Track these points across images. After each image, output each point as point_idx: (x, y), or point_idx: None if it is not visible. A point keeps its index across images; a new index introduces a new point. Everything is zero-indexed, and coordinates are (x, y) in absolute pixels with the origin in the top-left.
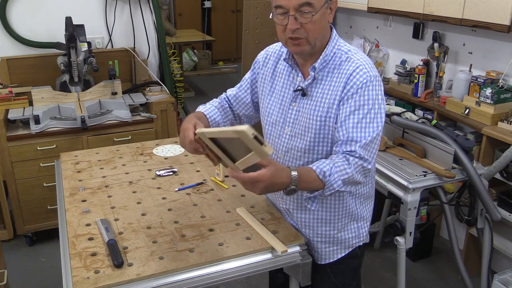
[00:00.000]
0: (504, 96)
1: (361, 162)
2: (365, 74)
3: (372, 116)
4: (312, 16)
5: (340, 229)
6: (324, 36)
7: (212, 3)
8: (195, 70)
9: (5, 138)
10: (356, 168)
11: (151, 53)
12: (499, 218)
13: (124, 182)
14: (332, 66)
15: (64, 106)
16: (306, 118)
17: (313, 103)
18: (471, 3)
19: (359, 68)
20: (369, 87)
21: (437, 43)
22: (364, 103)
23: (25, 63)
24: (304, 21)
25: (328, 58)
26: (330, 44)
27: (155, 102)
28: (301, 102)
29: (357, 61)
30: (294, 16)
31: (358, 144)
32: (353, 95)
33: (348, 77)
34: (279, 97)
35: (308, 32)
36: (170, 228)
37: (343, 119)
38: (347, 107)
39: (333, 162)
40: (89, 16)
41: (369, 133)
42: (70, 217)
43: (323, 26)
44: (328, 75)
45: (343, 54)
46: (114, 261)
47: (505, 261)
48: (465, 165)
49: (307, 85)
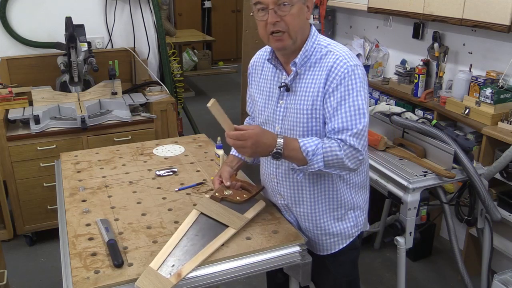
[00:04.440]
0: (504, 96)
1: (354, 152)
2: (345, 65)
3: (359, 104)
4: (290, 8)
5: (338, 218)
6: (304, 31)
7: (212, 3)
8: (195, 70)
9: (5, 138)
10: (347, 154)
11: (151, 53)
12: (499, 218)
13: (124, 182)
14: (313, 60)
15: (64, 106)
16: (293, 113)
17: (298, 98)
18: (471, 3)
19: (339, 59)
20: (351, 77)
21: (437, 43)
22: (349, 93)
23: (25, 63)
24: (283, 13)
25: (308, 53)
26: (309, 40)
27: (155, 102)
28: (287, 99)
29: (337, 52)
30: (273, 9)
31: (348, 133)
32: (338, 87)
33: (330, 69)
34: (266, 96)
35: (288, 25)
36: (170, 228)
37: (331, 112)
38: (333, 99)
39: (322, 143)
40: (89, 16)
41: (359, 122)
42: (70, 217)
43: (302, 20)
44: (310, 69)
45: (323, 48)
46: (114, 261)
47: (505, 261)
48: (465, 165)
49: (290, 80)
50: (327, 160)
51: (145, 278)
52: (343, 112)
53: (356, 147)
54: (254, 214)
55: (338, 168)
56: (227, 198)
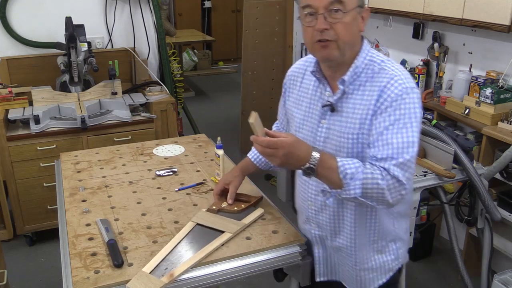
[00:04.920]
0: (504, 96)
1: (397, 185)
2: (400, 86)
3: (407, 131)
4: (343, 15)
5: (378, 250)
6: (355, 44)
7: (212, 3)
8: (195, 70)
9: (5, 138)
10: (389, 186)
11: (151, 53)
12: (499, 218)
13: (124, 182)
14: (364, 78)
15: (64, 106)
16: (337, 136)
17: (344, 120)
18: (471, 3)
19: (394, 79)
20: (405, 100)
21: (437, 43)
22: (400, 118)
23: (25, 63)
24: (334, 20)
25: (359, 70)
26: (361, 55)
27: (155, 102)
28: (331, 119)
29: (392, 71)
30: (323, 15)
31: (393, 162)
32: (387, 109)
33: (382, 89)
34: (306, 113)
35: (338, 35)
36: (170, 228)
37: (376, 135)
38: (380, 121)
39: (364, 167)
40: (89, 16)
41: (406, 151)
42: (70, 217)
43: (354, 32)
44: (359, 89)
45: (376, 65)
46: (114, 261)
47: (505, 261)
48: (465, 165)
49: (336, 99)
50: (366, 188)
51: (137, 280)
52: (390, 138)
53: (399, 179)
54: (252, 220)
55: (375, 200)
56: (224, 209)
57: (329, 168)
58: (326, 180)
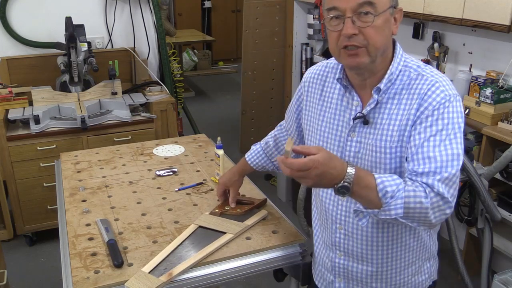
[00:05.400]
0: (504, 96)
1: (442, 203)
2: (442, 93)
3: (451, 143)
4: (374, 19)
5: (414, 273)
6: (387, 49)
7: (212, 3)
8: (195, 70)
9: (5, 138)
10: (433, 204)
11: (151, 53)
12: (499, 218)
13: (124, 182)
14: (399, 86)
15: (64, 106)
16: (371, 151)
17: (378, 132)
18: (471, 3)
19: (435, 86)
20: (448, 108)
21: (437, 43)
22: (442, 128)
23: (25, 63)
24: (364, 24)
25: (393, 76)
26: (395, 60)
27: (155, 102)
28: (362, 132)
29: (432, 77)
30: (351, 18)
31: (437, 177)
32: (428, 118)
33: (422, 97)
34: (332, 126)
35: (368, 40)
36: (170, 228)
37: (415, 148)
38: (420, 132)
39: (405, 184)
40: (89, 16)
41: (451, 165)
42: (70, 217)
43: (386, 35)
44: (395, 97)
45: (412, 71)
46: (114, 261)
47: (505, 261)
48: (465, 165)
49: (369, 110)
50: (409, 207)
51: (135, 279)
52: (432, 150)
53: (445, 196)
54: (255, 221)
55: (417, 221)
56: (227, 212)
57: (366, 187)
58: (362, 199)
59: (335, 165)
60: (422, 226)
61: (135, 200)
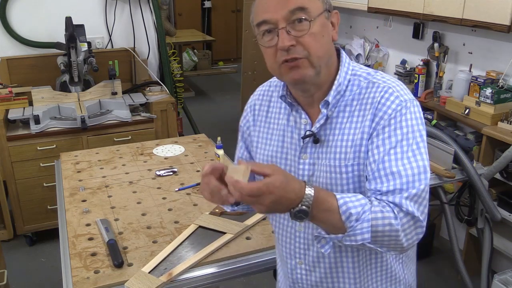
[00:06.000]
0: (504, 96)
1: (412, 222)
2: (397, 99)
3: (415, 154)
4: (310, 24)
5: None
6: (330, 57)
7: (212, 3)
8: (195, 70)
9: (5, 138)
10: (403, 225)
11: (151, 53)
12: (499, 218)
13: (124, 182)
14: (349, 97)
15: (64, 106)
16: (325, 172)
17: (331, 150)
18: (471, 3)
19: (388, 92)
20: (405, 115)
21: (437, 43)
22: (402, 138)
23: (25, 63)
24: (300, 33)
25: (342, 87)
26: (341, 69)
27: (155, 102)
28: (313, 152)
29: (383, 84)
30: (285, 29)
31: (405, 194)
32: (385, 128)
33: (376, 106)
34: (280, 149)
35: (309, 49)
36: (170, 228)
37: (375, 164)
38: (379, 145)
39: (370, 205)
40: (89, 16)
41: (418, 179)
42: (70, 217)
43: (326, 42)
44: (345, 110)
45: (362, 79)
46: (114, 261)
47: (505, 261)
48: (465, 165)
49: (319, 127)
50: (376, 231)
51: (135, 279)
52: (395, 165)
53: (415, 215)
54: (255, 221)
55: (386, 245)
56: (227, 212)
57: (328, 209)
58: (324, 224)
59: (293, 187)
60: (393, 251)
61: (135, 200)
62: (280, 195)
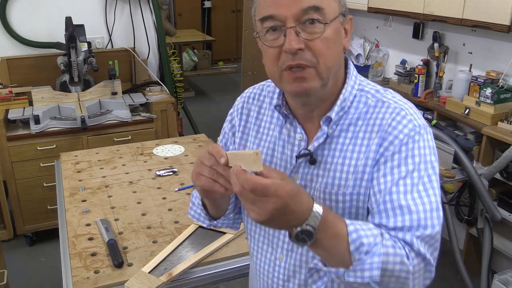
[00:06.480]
0: (504, 96)
1: (423, 265)
2: (410, 123)
3: (427, 189)
4: (324, 28)
5: None
6: (339, 68)
7: (212, 3)
8: (195, 70)
9: (5, 138)
10: (414, 267)
11: (151, 53)
12: (499, 218)
13: (124, 182)
14: (355, 115)
15: (64, 106)
16: (318, 198)
17: (329, 174)
18: (471, 3)
19: (401, 114)
20: (419, 143)
21: (437, 43)
22: (414, 168)
23: (25, 63)
24: (311, 36)
25: (347, 103)
26: (348, 83)
27: (155, 102)
28: (307, 173)
29: (395, 104)
30: (294, 29)
31: (417, 233)
32: (394, 156)
33: (386, 129)
34: (268, 164)
35: (318, 57)
36: (170, 228)
37: (381, 195)
38: (386, 174)
39: (382, 237)
40: (89, 16)
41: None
42: (70, 217)
43: (338, 51)
44: (349, 129)
45: (370, 96)
46: (114, 261)
47: (505, 261)
48: (465, 165)
49: (317, 146)
50: (386, 268)
51: (135, 279)
52: (404, 198)
53: (426, 257)
54: None
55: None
56: None
57: (335, 235)
58: (326, 252)
59: (302, 200)
60: None
61: (135, 200)
62: (287, 202)
